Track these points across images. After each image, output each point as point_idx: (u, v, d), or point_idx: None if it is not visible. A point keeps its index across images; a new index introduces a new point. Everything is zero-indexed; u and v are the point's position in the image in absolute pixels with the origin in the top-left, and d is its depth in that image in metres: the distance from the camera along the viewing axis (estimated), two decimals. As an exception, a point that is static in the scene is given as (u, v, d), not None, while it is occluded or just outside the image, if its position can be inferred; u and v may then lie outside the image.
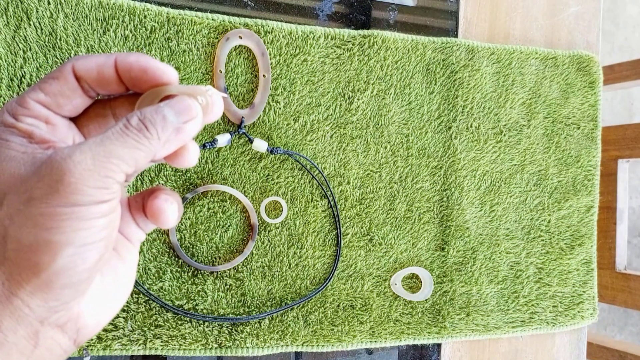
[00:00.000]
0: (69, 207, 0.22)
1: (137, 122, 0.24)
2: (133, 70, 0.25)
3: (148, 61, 0.25)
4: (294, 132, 0.51)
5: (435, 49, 0.55)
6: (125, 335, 0.46)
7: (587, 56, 0.61)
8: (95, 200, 0.22)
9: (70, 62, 0.25)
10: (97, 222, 0.22)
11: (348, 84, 0.52)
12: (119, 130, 0.23)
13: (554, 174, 0.60)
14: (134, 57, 0.25)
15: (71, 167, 0.21)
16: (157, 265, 0.47)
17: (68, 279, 0.22)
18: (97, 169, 0.22)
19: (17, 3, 0.43)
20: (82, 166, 0.22)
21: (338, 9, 0.54)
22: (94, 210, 0.22)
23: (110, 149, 0.23)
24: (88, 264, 0.23)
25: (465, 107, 0.56)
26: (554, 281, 0.60)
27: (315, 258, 0.51)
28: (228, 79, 0.49)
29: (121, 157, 0.23)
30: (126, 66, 0.25)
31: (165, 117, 0.24)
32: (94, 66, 0.25)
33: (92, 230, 0.22)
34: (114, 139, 0.23)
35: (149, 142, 0.24)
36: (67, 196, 0.21)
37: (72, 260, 0.22)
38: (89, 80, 0.25)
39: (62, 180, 0.21)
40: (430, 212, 0.55)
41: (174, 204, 0.27)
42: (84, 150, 0.22)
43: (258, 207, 0.50)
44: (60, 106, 0.25)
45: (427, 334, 0.54)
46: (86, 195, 0.22)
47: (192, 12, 0.48)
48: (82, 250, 0.22)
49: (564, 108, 0.61)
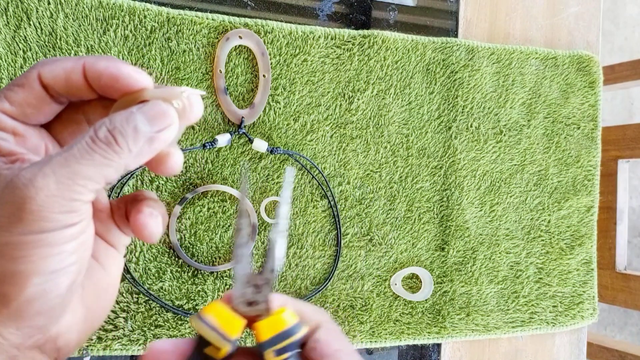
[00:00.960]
0: (34, 235, 0.20)
1: (106, 134, 0.22)
2: (103, 78, 0.23)
3: (119, 68, 0.23)
4: (294, 132, 0.51)
5: (435, 49, 0.55)
6: (125, 335, 0.46)
7: (587, 56, 0.61)
8: (62, 225, 0.21)
9: (35, 68, 0.23)
10: (66, 246, 0.21)
11: (348, 84, 0.53)
12: (85, 146, 0.21)
13: (554, 174, 0.60)
14: (103, 63, 0.23)
15: (32, 194, 0.20)
16: (157, 265, 0.47)
17: (40, 307, 0.21)
18: (61, 193, 0.20)
19: (17, 3, 0.43)
20: (45, 192, 0.20)
21: (338, 9, 0.54)
22: (62, 235, 0.21)
23: (75, 170, 0.21)
24: (60, 290, 0.22)
25: (465, 107, 0.56)
26: (554, 281, 0.60)
27: (315, 258, 0.51)
28: (228, 79, 0.49)
29: (88, 176, 0.21)
30: (95, 74, 0.23)
31: (137, 127, 0.22)
32: (61, 73, 0.23)
33: (61, 256, 0.21)
34: (79, 156, 0.21)
35: (119, 157, 0.22)
36: (30, 224, 0.20)
37: (42, 289, 0.21)
38: (56, 87, 0.23)
39: (24, 208, 0.20)
40: (430, 212, 0.55)
41: (158, 217, 0.25)
42: (46, 174, 0.20)
43: (258, 207, 0.50)
44: (28, 116, 0.24)
45: (427, 334, 0.54)
46: (51, 222, 0.20)
47: (192, 12, 0.48)
48: (52, 277, 0.21)
49: (564, 108, 0.61)
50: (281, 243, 0.26)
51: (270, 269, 0.25)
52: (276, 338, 0.24)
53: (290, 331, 0.24)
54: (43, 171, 0.20)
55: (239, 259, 0.25)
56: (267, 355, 0.23)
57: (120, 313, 0.46)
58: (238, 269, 0.25)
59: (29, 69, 0.23)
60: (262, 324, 0.24)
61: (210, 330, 0.23)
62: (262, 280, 0.25)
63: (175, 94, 0.24)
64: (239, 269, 0.25)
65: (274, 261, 0.25)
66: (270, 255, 0.25)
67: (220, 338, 0.23)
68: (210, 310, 0.23)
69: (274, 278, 0.25)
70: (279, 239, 0.26)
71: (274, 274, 0.25)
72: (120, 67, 0.23)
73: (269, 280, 0.25)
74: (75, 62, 0.23)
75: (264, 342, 0.23)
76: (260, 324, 0.24)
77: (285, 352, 0.24)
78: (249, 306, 0.24)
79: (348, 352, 0.24)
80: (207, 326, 0.23)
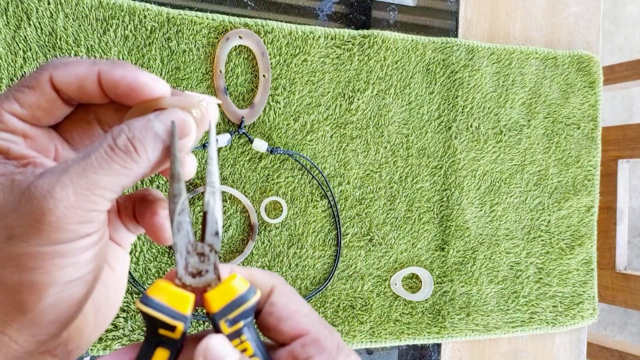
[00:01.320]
0: (52, 246, 0.20)
1: (125, 142, 0.21)
2: (120, 88, 0.22)
3: (136, 77, 0.22)
4: (294, 132, 0.51)
5: (435, 49, 0.55)
6: (125, 335, 0.46)
7: (587, 56, 0.61)
8: (80, 235, 0.21)
9: (47, 70, 0.23)
10: (83, 256, 0.21)
11: (348, 84, 0.52)
12: (103, 154, 0.21)
13: (554, 174, 0.60)
14: (119, 72, 0.22)
15: (51, 205, 0.20)
16: (157, 265, 0.47)
17: (56, 315, 0.21)
18: (80, 204, 0.20)
19: (17, 3, 0.43)
20: (64, 203, 0.20)
21: (338, 9, 0.54)
22: (79, 245, 0.21)
23: (93, 180, 0.20)
24: (76, 299, 0.22)
25: (465, 107, 0.56)
26: (554, 281, 0.60)
27: (315, 258, 0.51)
28: (228, 79, 0.49)
29: (106, 186, 0.21)
30: (112, 83, 0.22)
31: (157, 135, 0.22)
32: (74, 79, 0.22)
33: (78, 266, 0.21)
34: (97, 166, 0.21)
35: (137, 166, 0.21)
36: (48, 235, 0.20)
37: (58, 298, 0.21)
38: (69, 92, 0.23)
39: (43, 219, 0.20)
40: (430, 212, 0.55)
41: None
42: (65, 184, 0.20)
43: (258, 207, 0.50)
44: (38, 118, 0.23)
45: (427, 334, 0.54)
46: (69, 232, 0.20)
47: (192, 12, 0.48)
48: (69, 287, 0.21)
49: (564, 108, 0.61)
50: (218, 202, 0.24)
51: (212, 233, 0.23)
52: (228, 307, 0.22)
53: (242, 298, 0.22)
54: (62, 181, 0.20)
55: (178, 227, 0.23)
56: (222, 326, 0.22)
57: (120, 313, 0.46)
58: (178, 239, 0.23)
59: (40, 70, 0.23)
60: (212, 294, 0.22)
61: (158, 311, 0.21)
62: (206, 247, 0.23)
63: (193, 102, 0.23)
64: (178, 239, 0.23)
65: (214, 223, 0.23)
66: (209, 219, 0.23)
67: (170, 317, 0.21)
68: (155, 290, 0.22)
69: (218, 242, 0.23)
70: (215, 200, 0.23)
71: (218, 238, 0.23)
72: (138, 76, 0.22)
73: (213, 246, 0.23)
74: (90, 68, 0.23)
75: (215, 312, 0.22)
76: (210, 295, 0.22)
77: (240, 320, 0.22)
78: (195, 277, 0.23)
79: (305, 312, 0.24)
80: (154, 307, 0.21)
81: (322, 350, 0.23)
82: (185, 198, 0.23)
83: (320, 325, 0.24)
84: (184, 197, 0.23)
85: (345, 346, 0.24)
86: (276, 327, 0.23)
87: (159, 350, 0.22)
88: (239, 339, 0.22)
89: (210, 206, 0.23)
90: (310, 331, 0.23)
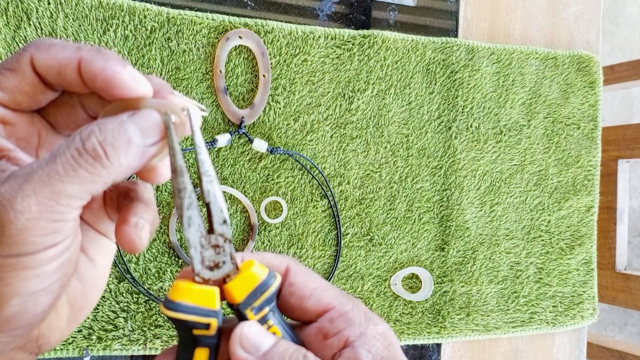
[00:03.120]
0: (12, 259, 0.19)
1: (94, 146, 0.19)
2: (97, 81, 0.21)
3: (115, 74, 0.21)
4: (294, 132, 0.51)
5: (435, 49, 0.55)
6: (125, 335, 0.46)
7: (587, 56, 0.61)
8: (44, 246, 0.19)
9: (28, 51, 0.21)
10: (48, 267, 0.20)
11: (348, 84, 0.52)
12: (70, 159, 0.19)
13: (554, 174, 0.60)
14: (99, 64, 0.21)
15: (12, 217, 0.18)
16: (157, 265, 0.47)
17: (19, 323, 0.20)
18: (43, 215, 0.19)
19: (17, 3, 0.43)
20: (25, 215, 0.18)
21: (338, 9, 0.54)
22: (43, 257, 0.19)
23: (58, 189, 0.19)
24: (40, 308, 0.21)
25: (465, 107, 0.56)
26: (554, 281, 0.60)
27: (315, 258, 0.51)
28: (228, 79, 0.49)
29: (73, 195, 0.19)
30: (90, 74, 0.21)
31: (131, 139, 0.20)
32: (55, 65, 0.21)
33: (42, 277, 0.20)
34: (63, 173, 0.19)
35: (108, 172, 0.20)
36: (10, 247, 0.19)
37: (21, 308, 0.20)
38: (49, 78, 0.21)
39: (3, 231, 0.18)
40: (430, 212, 0.55)
41: (144, 227, 0.23)
42: (27, 194, 0.18)
43: (258, 207, 0.50)
44: (19, 103, 0.22)
45: (427, 334, 0.54)
46: (32, 245, 0.19)
47: (192, 12, 0.48)
48: (33, 298, 0.20)
49: (564, 108, 0.61)
50: (218, 190, 0.23)
51: (220, 222, 0.22)
52: (252, 295, 0.22)
53: (264, 284, 0.22)
54: (23, 191, 0.18)
55: (189, 222, 0.22)
56: (249, 315, 0.22)
57: (120, 313, 0.46)
58: (190, 234, 0.22)
59: (22, 51, 0.21)
60: (233, 284, 0.22)
61: (188, 313, 0.21)
62: (219, 238, 0.22)
63: (175, 109, 0.22)
64: (190, 234, 0.22)
65: (220, 211, 0.22)
66: (213, 208, 0.22)
67: (202, 316, 0.21)
68: (177, 292, 0.21)
69: (229, 230, 0.22)
70: (214, 187, 0.22)
71: (227, 226, 0.22)
72: (117, 71, 0.21)
73: (225, 235, 0.22)
74: (72, 54, 0.21)
75: (240, 302, 0.22)
76: (231, 285, 0.22)
77: (265, 306, 0.22)
78: (213, 270, 0.22)
79: (325, 287, 0.23)
80: (183, 310, 0.21)
81: (351, 322, 0.22)
82: (191, 191, 0.22)
83: (343, 298, 0.23)
84: (189, 189, 0.22)
85: (372, 314, 0.24)
86: (300, 306, 0.23)
87: (198, 351, 0.22)
88: (267, 324, 0.22)
89: (211, 195, 0.22)
90: (335, 305, 0.23)
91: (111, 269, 0.46)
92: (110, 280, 0.46)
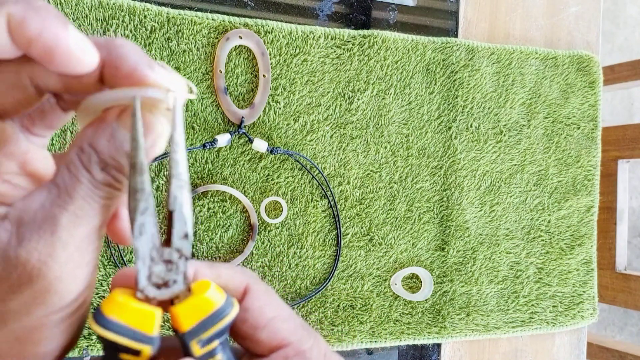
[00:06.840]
0: (59, 313, 0.18)
1: (104, 176, 0.18)
2: (34, 49, 0.16)
3: (59, 40, 0.16)
4: (294, 132, 0.51)
5: (435, 49, 0.55)
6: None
7: (587, 56, 0.61)
8: (83, 286, 0.19)
9: None
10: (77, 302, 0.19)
11: (348, 84, 0.52)
12: (89, 193, 0.17)
13: (554, 174, 0.60)
14: (35, 25, 0.16)
15: (58, 273, 0.17)
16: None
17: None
18: (81, 260, 0.18)
19: (17, 3, 0.43)
20: (70, 265, 0.17)
21: (338, 9, 0.54)
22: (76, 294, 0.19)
23: (92, 225, 0.18)
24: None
25: (465, 107, 0.56)
26: (554, 281, 0.60)
27: (315, 258, 0.51)
28: (228, 79, 0.49)
29: (100, 225, 0.18)
30: (23, 39, 0.16)
31: (125, 153, 0.19)
32: None
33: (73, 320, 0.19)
34: (88, 209, 0.18)
35: (119, 193, 0.19)
36: (57, 303, 0.18)
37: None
38: None
39: (50, 290, 0.17)
40: (430, 212, 0.55)
41: None
42: (67, 243, 0.17)
43: (258, 207, 0.50)
44: None
45: (427, 334, 0.54)
46: (75, 292, 0.18)
47: (192, 12, 0.48)
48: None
49: (564, 108, 0.61)
50: (187, 198, 0.19)
51: (180, 235, 0.19)
52: (202, 325, 0.19)
53: (218, 313, 0.19)
54: (62, 242, 0.17)
55: (140, 229, 0.18)
56: (193, 348, 0.19)
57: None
58: (139, 244, 0.19)
59: None
60: (181, 308, 0.19)
61: (117, 334, 0.18)
62: (174, 253, 0.19)
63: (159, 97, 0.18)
64: (140, 244, 0.19)
65: (183, 223, 0.19)
66: (176, 218, 0.19)
67: (133, 340, 0.18)
68: (112, 306, 0.18)
69: (188, 247, 0.19)
70: (183, 195, 0.19)
71: (187, 241, 0.19)
72: (61, 37, 0.16)
73: (182, 251, 0.19)
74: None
75: (186, 332, 0.18)
76: (179, 309, 0.19)
77: (214, 339, 0.19)
78: (160, 289, 0.19)
79: (284, 318, 0.20)
80: (113, 329, 0.18)
81: None
82: (149, 194, 0.18)
83: (303, 333, 0.21)
84: (147, 192, 0.18)
85: (333, 354, 0.21)
86: (252, 337, 0.20)
87: None
88: None
89: (177, 203, 0.19)
90: (292, 341, 0.20)
91: (110, 268, 0.46)
92: (110, 280, 0.46)
